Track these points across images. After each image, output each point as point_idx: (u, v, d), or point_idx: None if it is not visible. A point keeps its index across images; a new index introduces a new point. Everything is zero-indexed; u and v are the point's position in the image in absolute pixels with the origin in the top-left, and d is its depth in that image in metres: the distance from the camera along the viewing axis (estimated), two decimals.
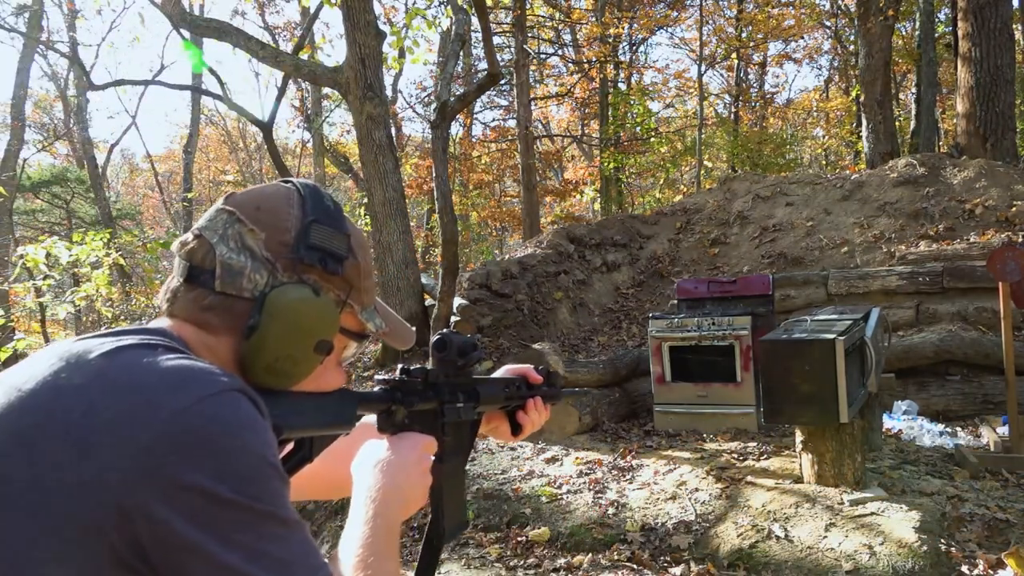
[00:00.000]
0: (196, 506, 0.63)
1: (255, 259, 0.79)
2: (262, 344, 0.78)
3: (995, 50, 9.23)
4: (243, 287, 0.79)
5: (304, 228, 0.82)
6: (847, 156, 19.01)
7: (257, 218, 0.81)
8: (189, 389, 0.67)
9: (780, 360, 3.45)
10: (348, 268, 0.85)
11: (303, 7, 11.01)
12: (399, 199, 7.98)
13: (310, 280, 0.82)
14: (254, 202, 0.82)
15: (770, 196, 8.72)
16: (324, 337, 0.83)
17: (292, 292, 0.80)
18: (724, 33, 18.46)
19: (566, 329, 7.40)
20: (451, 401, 0.96)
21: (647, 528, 3.56)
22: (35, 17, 15.37)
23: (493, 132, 18.92)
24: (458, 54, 6.81)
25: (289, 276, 0.80)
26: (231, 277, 0.79)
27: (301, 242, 0.81)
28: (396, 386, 0.91)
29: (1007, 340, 4.21)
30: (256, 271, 0.79)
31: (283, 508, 0.68)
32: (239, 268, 0.79)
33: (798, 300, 6.45)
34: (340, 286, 0.85)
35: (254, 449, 0.67)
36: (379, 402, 0.89)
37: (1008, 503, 3.41)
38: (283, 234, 0.81)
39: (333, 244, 0.84)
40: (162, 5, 8.34)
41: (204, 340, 0.80)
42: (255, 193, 0.84)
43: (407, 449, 0.89)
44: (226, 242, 0.80)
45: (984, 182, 7.57)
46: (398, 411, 0.90)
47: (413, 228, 11.54)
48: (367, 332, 0.91)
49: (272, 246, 0.80)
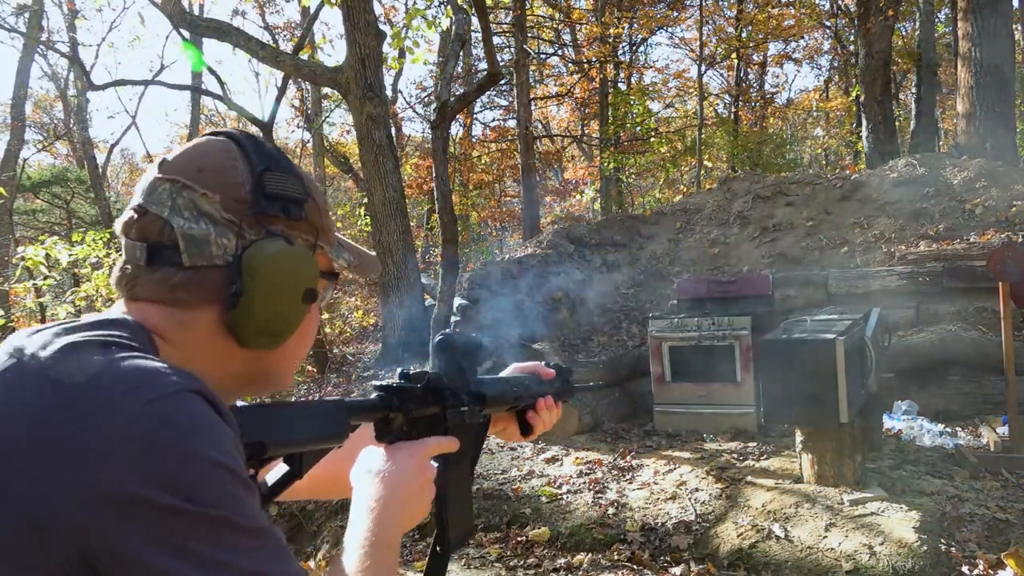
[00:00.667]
0: (146, 519, 0.59)
1: (216, 223, 0.74)
2: (250, 308, 0.74)
3: (995, 50, 9.22)
4: (213, 255, 0.74)
5: (258, 179, 0.77)
6: (847, 156, 19.01)
7: (204, 180, 0.75)
8: (136, 394, 0.63)
9: (780, 360, 3.45)
10: (309, 210, 0.81)
11: (303, 7, 11.02)
12: (399, 199, 7.98)
13: (279, 231, 0.77)
14: (193, 164, 0.76)
15: (770, 196, 8.72)
16: (310, 286, 0.79)
17: (267, 247, 0.75)
18: (724, 33, 18.46)
19: (566, 329, 7.40)
20: (454, 405, 0.91)
21: (647, 528, 3.56)
22: (35, 17, 15.36)
23: (493, 132, 18.92)
24: (458, 54, 6.81)
25: (257, 232, 0.76)
26: (197, 248, 0.73)
27: (259, 194, 0.76)
28: (393, 391, 0.85)
29: (1007, 340, 4.21)
30: (222, 235, 0.74)
31: (245, 515, 0.63)
32: (203, 237, 0.74)
33: (798, 300, 6.44)
34: (307, 230, 0.81)
35: (207, 454, 0.62)
36: (374, 410, 0.84)
37: (1008, 503, 3.41)
38: (237, 190, 0.76)
39: (290, 189, 0.79)
40: (162, 5, 8.34)
41: (178, 319, 0.75)
42: (190, 153, 0.78)
43: (407, 458, 0.84)
44: (179, 213, 0.74)
45: (984, 182, 7.57)
46: (396, 418, 0.85)
47: (413, 228, 11.55)
48: (338, 270, 0.88)
49: (230, 206, 0.75)
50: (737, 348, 5.02)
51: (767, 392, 3.50)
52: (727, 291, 5.55)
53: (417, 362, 7.28)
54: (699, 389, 5.11)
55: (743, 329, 5.02)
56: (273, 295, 0.76)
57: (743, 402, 5.00)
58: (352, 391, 7.23)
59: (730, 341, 5.04)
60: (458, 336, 0.93)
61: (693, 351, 5.15)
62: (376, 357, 8.25)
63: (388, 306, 7.94)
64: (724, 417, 5.02)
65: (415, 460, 0.85)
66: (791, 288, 6.54)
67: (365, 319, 12.10)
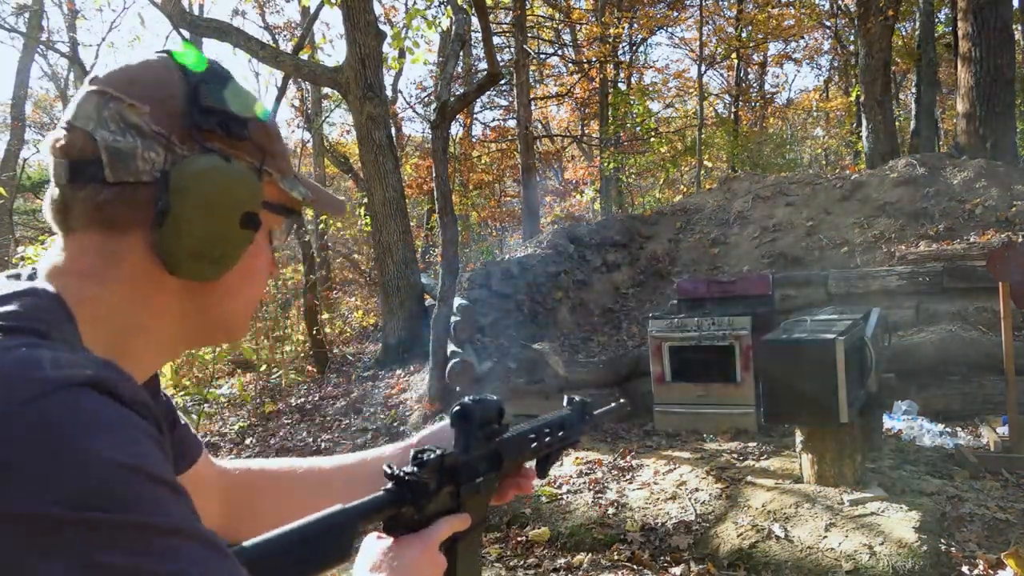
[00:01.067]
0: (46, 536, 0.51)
1: (144, 136, 0.67)
2: (178, 227, 0.67)
3: (995, 50, 9.22)
4: (139, 170, 0.67)
5: (192, 90, 0.70)
6: (847, 156, 19.01)
7: (135, 92, 0.68)
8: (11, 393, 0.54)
9: (780, 360, 3.45)
10: (254, 130, 0.73)
11: (303, 7, 11.01)
12: (399, 199, 7.99)
13: (215, 148, 0.70)
14: (126, 76, 0.69)
15: (770, 196, 8.72)
16: (248, 209, 0.71)
17: (198, 162, 0.68)
18: (724, 33, 18.47)
19: (566, 329, 7.40)
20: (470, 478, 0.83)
21: (647, 528, 3.56)
22: (35, 17, 15.37)
23: (493, 132, 18.92)
24: (458, 54, 6.81)
25: (190, 148, 0.69)
26: (122, 162, 0.66)
27: (193, 107, 0.69)
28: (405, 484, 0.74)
29: (1007, 340, 4.21)
30: (149, 149, 0.67)
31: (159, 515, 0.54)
32: (129, 150, 0.66)
33: (798, 300, 6.44)
34: (250, 151, 0.73)
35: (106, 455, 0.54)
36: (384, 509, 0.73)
37: (1008, 503, 3.41)
38: (170, 102, 0.69)
39: (231, 104, 0.72)
40: (162, 5, 8.34)
41: (110, 250, 0.68)
42: (127, 67, 0.71)
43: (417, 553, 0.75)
44: (105, 126, 0.67)
45: (984, 182, 7.57)
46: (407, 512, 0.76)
47: (413, 228, 11.55)
48: (294, 204, 0.79)
49: (160, 118, 0.68)
50: (737, 348, 5.02)
51: (767, 392, 3.50)
52: (727, 291, 5.55)
53: (417, 362, 7.28)
54: (699, 389, 5.11)
55: (743, 329, 5.02)
56: (203, 213, 0.68)
57: (743, 402, 5.00)
58: (352, 391, 7.23)
59: (730, 341, 5.04)
60: (477, 405, 0.84)
61: (693, 351, 5.15)
62: (376, 357, 8.25)
63: (388, 306, 7.94)
64: (724, 417, 5.02)
65: (426, 555, 0.75)
66: (791, 288, 6.54)
67: (365, 319, 12.10)
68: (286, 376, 7.90)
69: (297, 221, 0.82)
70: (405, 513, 0.76)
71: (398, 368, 7.51)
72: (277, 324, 9.59)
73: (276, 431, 6.44)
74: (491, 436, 0.86)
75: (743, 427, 4.95)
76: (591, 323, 7.58)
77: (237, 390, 6.60)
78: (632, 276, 8.49)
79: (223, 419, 7.05)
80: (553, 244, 8.51)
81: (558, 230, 9.31)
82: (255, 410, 7.12)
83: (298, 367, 8.70)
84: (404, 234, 7.95)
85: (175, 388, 6.10)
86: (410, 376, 7.13)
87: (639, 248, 8.94)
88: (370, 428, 6.07)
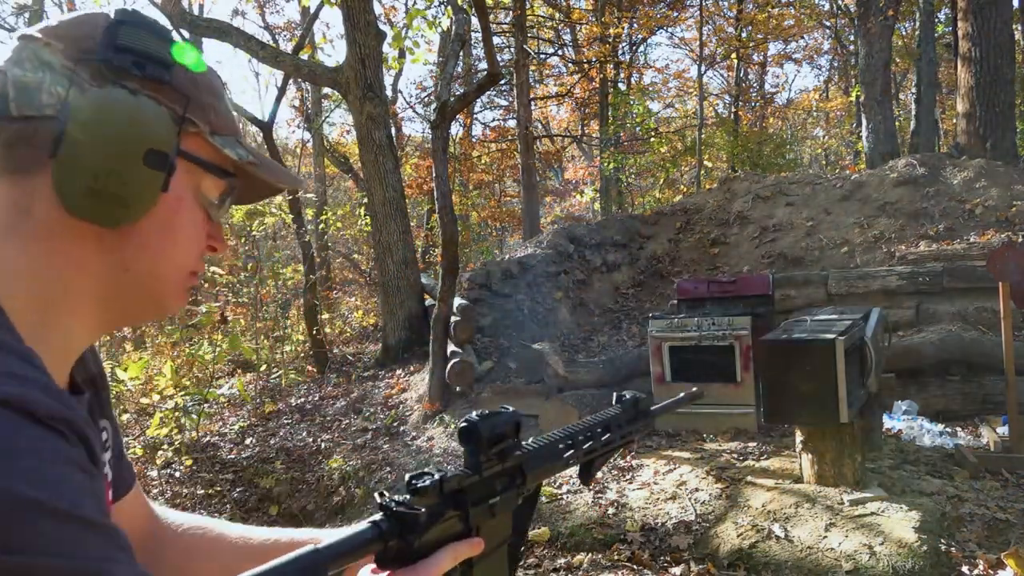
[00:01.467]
0: None
1: (53, 71, 0.65)
2: (73, 158, 0.63)
3: (995, 50, 9.22)
4: (43, 103, 0.64)
5: (110, 28, 0.67)
6: (847, 156, 19.02)
7: (55, 33, 0.67)
8: None
9: (780, 360, 3.45)
10: (179, 76, 0.70)
11: (303, 7, 11.01)
12: (399, 199, 7.99)
13: (126, 85, 0.66)
14: (55, 22, 0.68)
15: (770, 196, 8.72)
16: (155, 147, 0.66)
17: (100, 92, 0.65)
18: (724, 33, 18.47)
19: (566, 329, 7.40)
20: (480, 502, 0.74)
21: (647, 528, 3.56)
22: (35, 17, 15.36)
23: (493, 132, 18.92)
24: (458, 54, 6.81)
25: (99, 84, 0.65)
26: (27, 96, 0.64)
27: (108, 45, 0.66)
28: (392, 517, 0.65)
29: (1007, 340, 4.21)
30: (55, 84, 0.64)
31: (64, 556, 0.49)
32: (35, 84, 0.64)
33: (798, 300, 6.45)
34: (171, 97, 0.69)
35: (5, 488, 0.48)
36: (367, 546, 0.63)
37: (1008, 503, 3.41)
38: (84, 41, 0.66)
39: (151, 47, 0.68)
40: (162, 5, 8.34)
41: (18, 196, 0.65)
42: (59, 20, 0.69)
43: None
44: (20, 65, 0.65)
45: (984, 182, 7.57)
46: (394, 546, 0.66)
47: (413, 228, 11.54)
48: (227, 164, 0.74)
49: (72, 54, 0.65)
50: (737, 348, 5.02)
51: (767, 392, 3.50)
52: (727, 291, 5.55)
53: (416, 361, 7.28)
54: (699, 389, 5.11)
55: (743, 329, 5.02)
56: (100, 144, 0.64)
57: (743, 402, 5.00)
58: (352, 391, 7.23)
59: (730, 341, 5.04)
60: (483, 422, 0.74)
61: (693, 351, 5.15)
62: (376, 357, 8.25)
63: (388, 306, 7.94)
64: (724, 417, 5.02)
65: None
66: (791, 288, 6.54)
67: (365, 319, 12.10)
68: (286, 376, 7.90)
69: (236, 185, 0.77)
70: (393, 547, 0.67)
71: (398, 368, 7.51)
72: (277, 324, 9.59)
73: (276, 431, 6.44)
74: (505, 452, 0.77)
75: (743, 427, 4.95)
76: (591, 323, 7.58)
77: (237, 390, 6.59)
78: (632, 276, 8.49)
79: (223, 419, 7.06)
80: (553, 244, 8.51)
81: (558, 230, 9.31)
82: (255, 410, 7.12)
83: (298, 367, 8.70)
84: (404, 234, 7.95)
85: (175, 388, 6.10)
86: (410, 376, 7.13)
87: (639, 248, 8.94)
88: (370, 428, 6.07)
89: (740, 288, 5.52)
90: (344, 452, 5.55)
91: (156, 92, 0.68)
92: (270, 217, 10.07)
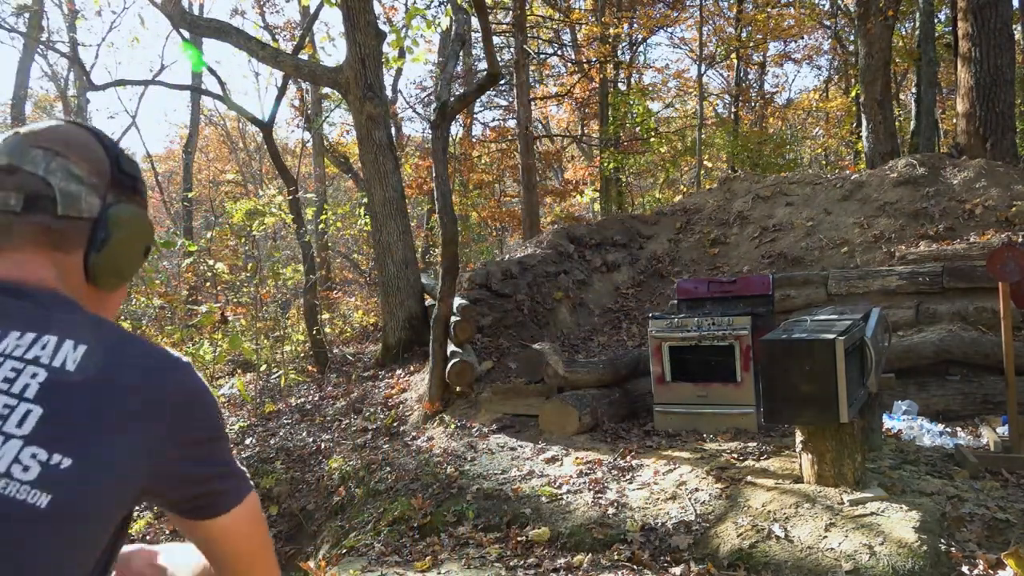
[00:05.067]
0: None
1: (85, 185, 0.94)
2: (112, 253, 0.96)
3: (995, 50, 9.22)
4: (82, 209, 0.94)
5: (115, 158, 1.00)
6: (847, 156, 19.01)
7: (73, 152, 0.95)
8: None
9: (780, 360, 3.44)
10: (141, 186, 1.05)
11: (303, 7, 11.01)
12: (399, 199, 7.98)
13: (134, 199, 1.02)
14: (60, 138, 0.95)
15: (770, 196, 8.72)
16: (149, 243, 1.03)
17: (128, 208, 0.99)
18: (724, 33, 18.47)
19: (566, 329, 7.40)
20: None
21: (647, 528, 3.56)
22: (35, 17, 15.36)
23: (493, 132, 18.91)
24: (458, 54, 6.80)
25: (116, 198, 0.98)
26: (71, 201, 0.93)
27: (117, 169, 0.99)
28: None
29: (1007, 340, 4.21)
30: (90, 195, 0.95)
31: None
32: (76, 193, 0.93)
33: (798, 300, 6.45)
34: (142, 203, 1.04)
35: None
36: None
37: (1008, 503, 3.41)
38: (101, 164, 0.97)
39: (136, 171, 1.03)
40: (162, 5, 8.34)
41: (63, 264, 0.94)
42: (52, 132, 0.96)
43: None
44: (54, 174, 0.92)
45: (984, 182, 7.57)
46: None
47: (413, 228, 11.54)
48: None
49: (95, 173, 0.96)
50: (737, 348, 5.02)
51: (767, 392, 3.49)
52: (727, 291, 5.55)
53: (416, 361, 7.28)
54: (699, 389, 5.11)
55: (743, 329, 5.01)
56: (128, 245, 0.98)
57: (743, 402, 5.00)
58: (352, 391, 7.23)
59: (730, 341, 5.04)
60: None
61: (693, 351, 5.15)
62: (376, 357, 8.25)
63: (388, 306, 7.94)
64: (724, 417, 5.02)
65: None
66: (791, 288, 6.54)
67: (365, 319, 12.10)
68: (286, 376, 7.90)
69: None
70: None
71: (398, 368, 7.51)
72: (277, 324, 9.58)
73: (276, 431, 6.44)
74: None
75: (743, 427, 4.94)
76: (591, 323, 7.59)
77: (237, 390, 6.59)
78: (632, 276, 8.49)
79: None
80: (553, 244, 8.51)
81: (558, 230, 9.31)
82: (255, 410, 7.12)
83: (298, 367, 8.70)
84: (404, 234, 7.95)
85: None
86: (410, 376, 7.13)
87: (639, 248, 8.94)
88: (370, 428, 6.07)
89: (740, 288, 5.51)
90: (344, 452, 5.55)
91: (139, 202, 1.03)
92: (270, 217, 10.07)
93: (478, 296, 7.22)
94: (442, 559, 3.58)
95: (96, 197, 0.95)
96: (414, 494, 4.36)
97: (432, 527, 3.98)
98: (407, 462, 4.97)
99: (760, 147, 17.06)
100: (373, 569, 3.59)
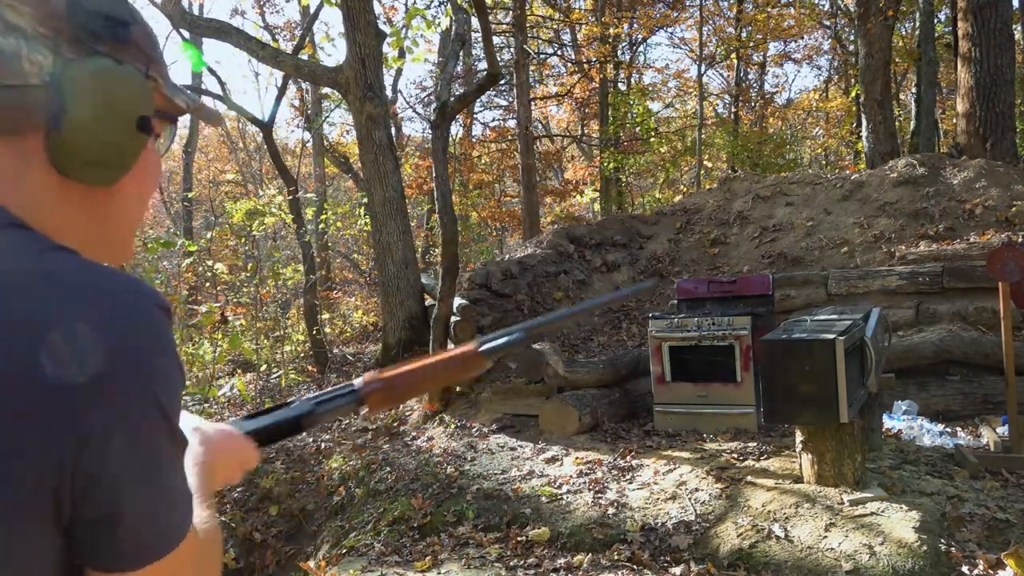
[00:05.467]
0: None
1: (28, 38, 0.66)
2: (75, 132, 0.66)
3: (995, 50, 9.22)
4: (26, 71, 0.65)
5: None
6: (847, 156, 19.01)
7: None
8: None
9: (780, 360, 3.44)
10: (136, 33, 0.73)
11: (303, 7, 11.02)
12: (399, 199, 7.98)
13: (103, 51, 0.69)
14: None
15: (770, 196, 8.72)
16: (144, 113, 0.71)
17: (91, 64, 0.67)
18: (724, 33, 18.47)
19: (566, 329, 7.40)
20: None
21: (647, 528, 3.56)
22: None
23: (493, 132, 18.91)
24: (458, 54, 6.81)
25: (77, 51, 0.67)
26: (7, 63, 0.65)
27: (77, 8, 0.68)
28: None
29: (1007, 340, 4.21)
30: (35, 51, 0.66)
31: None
32: (13, 51, 0.65)
33: (798, 300, 6.45)
34: (136, 55, 0.72)
35: None
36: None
37: (1008, 503, 3.41)
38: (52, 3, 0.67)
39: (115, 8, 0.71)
40: (162, 5, 8.34)
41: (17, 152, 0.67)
42: None
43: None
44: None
45: (984, 182, 7.57)
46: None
47: (413, 228, 11.54)
48: (177, 111, 0.80)
49: (44, 20, 0.66)
50: (737, 348, 5.02)
51: (767, 392, 3.49)
52: (727, 291, 5.55)
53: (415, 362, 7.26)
54: (699, 389, 5.11)
55: (743, 329, 5.01)
56: (101, 117, 0.68)
57: (743, 402, 5.00)
58: None
59: (730, 341, 5.04)
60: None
61: (693, 351, 5.15)
62: (376, 357, 8.25)
63: (388, 306, 7.94)
64: (724, 417, 5.02)
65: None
66: (791, 288, 6.54)
67: (365, 319, 12.10)
68: (286, 376, 7.90)
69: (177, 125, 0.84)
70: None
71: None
72: (277, 324, 9.58)
73: None
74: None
75: (743, 427, 4.94)
76: (591, 323, 7.58)
77: (237, 390, 6.59)
78: (632, 276, 8.49)
79: (223, 419, 7.05)
80: (553, 244, 8.51)
81: (558, 230, 9.31)
82: (255, 410, 7.12)
83: (298, 367, 8.70)
84: (404, 234, 7.95)
85: None
86: None
87: (639, 248, 8.94)
88: (370, 428, 6.07)
89: (740, 288, 5.51)
90: (344, 452, 5.55)
91: (125, 53, 0.71)
92: (270, 217, 10.07)
93: (478, 296, 7.22)
94: (442, 559, 3.58)
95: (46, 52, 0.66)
96: (414, 494, 4.37)
97: (432, 527, 3.98)
98: (407, 462, 4.97)
99: (760, 147, 17.06)
100: (373, 569, 3.59)
